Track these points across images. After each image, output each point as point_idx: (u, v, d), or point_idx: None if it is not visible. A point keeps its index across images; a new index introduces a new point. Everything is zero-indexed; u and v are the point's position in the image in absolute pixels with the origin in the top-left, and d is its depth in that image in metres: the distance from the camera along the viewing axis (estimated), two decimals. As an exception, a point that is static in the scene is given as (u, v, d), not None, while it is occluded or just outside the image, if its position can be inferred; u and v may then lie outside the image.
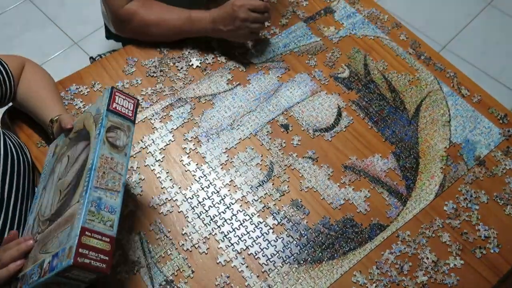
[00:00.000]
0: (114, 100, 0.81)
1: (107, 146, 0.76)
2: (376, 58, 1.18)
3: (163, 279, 0.87)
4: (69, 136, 0.87)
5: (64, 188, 0.78)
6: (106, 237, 0.70)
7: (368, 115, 1.09)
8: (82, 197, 0.71)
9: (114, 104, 0.80)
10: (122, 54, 1.15)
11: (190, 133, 1.04)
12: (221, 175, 0.99)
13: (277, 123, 1.07)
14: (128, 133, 0.81)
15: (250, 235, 0.92)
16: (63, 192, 0.77)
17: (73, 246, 0.65)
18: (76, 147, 0.82)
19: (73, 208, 0.71)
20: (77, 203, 0.71)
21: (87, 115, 0.84)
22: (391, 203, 0.98)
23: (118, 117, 0.80)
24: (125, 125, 0.81)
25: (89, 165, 0.73)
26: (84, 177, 0.73)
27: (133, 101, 0.84)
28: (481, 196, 0.99)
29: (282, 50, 1.18)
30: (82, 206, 0.69)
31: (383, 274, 0.90)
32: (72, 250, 0.65)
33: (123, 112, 0.81)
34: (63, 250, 0.67)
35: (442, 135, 1.07)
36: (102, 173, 0.73)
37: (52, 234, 0.74)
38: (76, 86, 1.09)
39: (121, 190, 0.75)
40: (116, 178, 0.75)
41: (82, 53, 2.08)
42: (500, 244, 0.94)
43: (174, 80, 1.11)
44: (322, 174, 1.00)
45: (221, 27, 1.09)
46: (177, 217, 0.94)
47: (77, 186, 0.74)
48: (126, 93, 0.84)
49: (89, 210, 0.69)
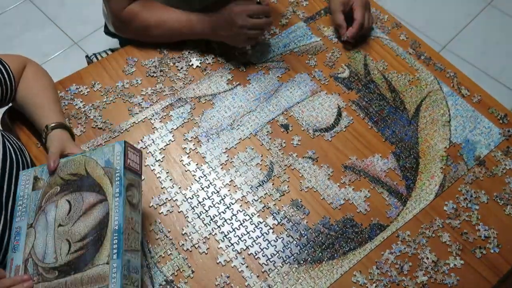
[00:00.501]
0: (127, 156, 0.80)
1: (128, 206, 0.76)
2: (376, 58, 1.18)
3: (163, 279, 0.87)
4: (61, 175, 0.83)
5: (75, 240, 0.76)
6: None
7: (368, 115, 1.09)
8: (113, 260, 0.71)
9: (128, 161, 0.80)
10: (122, 54, 1.15)
11: (190, 133, 1.04)
12: (221, 175, 0.99)
13: (277, 123, 1.07)
14: (139, 189, 0.81)
15: (250, 235, 0.92)
16: (74, 244, 0.76)
17: None
18: (81, 195, 0.79)
19: (101, 268, 0.72)
20: (106, 264, 0.72)
21: (89, 161, 0.81)
22: (391, 203, 0.98)
23: (132, 174, 0.80)
24: (136, 181, 0.81)
25: (115, 226, 0.73)
26: (110, 238, 0.73)
27: (139, 153, 0.84)
28: (481, 196, 0.99)
29: (282, 50, 1.18)
30: (117, 270, 0.70)
31: (383, 274, 0.90)
32: None
33: (135, 168, 0.81)
34: None
35: (442, 135, 1.07)
36: (127, 234, 0.74)
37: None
38: (76, 86, 1.09)
39: (140, 248, 0.76)
40: (136, 237, 0.77)
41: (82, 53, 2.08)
42: (500, 244, 0.94)
43: (174, 80, 1.11)
44: (322, 174, 1.00)
45: (221, 32, 1.09)
46: (177, 217, 0.94)
47: (99, 244, 0.73)
48: (133, 146, 0.83)
49: (123, 274, 0.70)
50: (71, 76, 1.11)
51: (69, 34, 2.14)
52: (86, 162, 0.82)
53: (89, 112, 1.05)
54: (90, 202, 0.78)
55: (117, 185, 0.77)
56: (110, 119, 1.05)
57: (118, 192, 0.76)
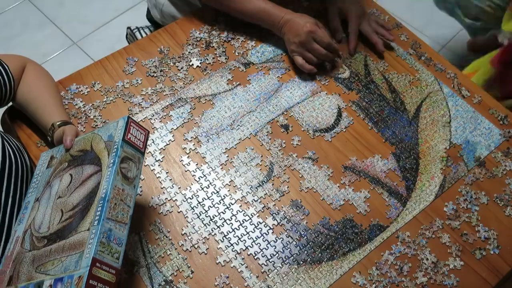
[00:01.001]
0: (129, 130, 0.80)
1: (120, 177, 0.76)
2: (376, 58, 1.18)
3: (162, 279, 0.87)
4: (71, 152, 0.86)
5: (67, 209, 0.77)
6: (113, 269, 0.70)
7: (368, 116, 1.09)
8: (93, 226, 0.71)
9: (129, 135, 0.80)
10: (122, 54, 1.15)
11: (190, 133, 1.04)
12: (221, 175, 0.99)
13: (277, 124, 1.07)
14: (138, 165, 0.81)
15: (250, 235, 0.92)
16: (66, 213, 0.76)
17: (84, 276, 0.65)
18: (82, 168, 0.80)
19: (82, 235, 0.71)
20: (87, 231, 0.71)
21: (95, 137, 0.83)
22: (391, 204, 0.98)
23: (131, 148, 0.80)
24: (136, 156, 0.81)
25: (102, 194, 0.73)
26: (96, 205, 0.73)
27: (145, 132, 0.84)
28: (481, 197, 0.99)
29: (283, 51, 1.18)
30: (94, 236, 0.69)
31: (383, 275, 0.90)
32: (82, 280, 0.65)
33: (136, 144, 0.81)
34: (70, 277, 0.67)
35: (442, 136, 1.07)
36: (114, 204, 0.73)
37: (53, 255, 0.73)
38: (76, 85, 1.09)
39: (128, 222, 0.75)
40: (125, 210, 0.76)
41: (82, 53, 2.08)
42: (500, 245, 0.94)
43: (174, 80, 1.11)
44: (322, 174, 1.00)
45: (285, 30, 1.10)
46: (176, 217, 0.94)
47: (85, 212, 0.73)
48: (139, 124, 0.83)
49: (100, 241, 0.69)
50: (71, 76, 1.11)
51: (68, 34, 2.14)
52: (93, 138, 0.83)
53: (89, 112, 1.05)
54: (87, 173, 0.79)
55: (113, 156, 0.77)
56: (110, 119, 1.04)
57: (112, 162, 0.76)
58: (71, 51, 2.09)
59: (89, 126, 1.03)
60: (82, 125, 1.03)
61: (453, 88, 1.14)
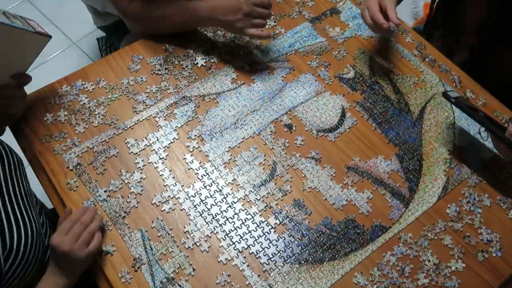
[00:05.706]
0: None
1: None
2: (381, 59, 1.18)
3: (164, 276, 0.87)
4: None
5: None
6: None
7: (372, 117, 1.09)
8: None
9: None
10: (127, 51, 1.15)
11: (194, 132, 1.04)
12: (224, 173, 0.99)
13: (280, 123, 1.07)
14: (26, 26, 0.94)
15: (252, 234, 0.92)
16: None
17: None
18: None
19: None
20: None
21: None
22: (394, 205, 0.97)
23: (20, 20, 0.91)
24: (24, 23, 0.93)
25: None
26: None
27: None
28: (484, 199, 0.99)
29: (287, 50, 1.18)
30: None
31: (384, 275, 0.90)
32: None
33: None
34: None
35: (446, 137, 1.07)
36: None
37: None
38: (82, 82, 1.09)
39: None
40: None
41: (81, 53, 2.08)
42: (503, 248, 0.94)
43: (179, 78, 1.12)
44: (325, 174, 1.00)
45: (219, 16, 1.08)
46: (179, 215, 0.94)
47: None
48: None
49: None
50: (76, 72, 1.11)
51: (67, 34, 2.14)
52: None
53: (94, 108, 1.06)
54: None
55: None
56: (114, 116, 1.05)
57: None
58: (70, 51, 2.09)
59: (93, 122, 1.04)
60: (86, 121, 1.04)
61: (457, 89, 1.14)
